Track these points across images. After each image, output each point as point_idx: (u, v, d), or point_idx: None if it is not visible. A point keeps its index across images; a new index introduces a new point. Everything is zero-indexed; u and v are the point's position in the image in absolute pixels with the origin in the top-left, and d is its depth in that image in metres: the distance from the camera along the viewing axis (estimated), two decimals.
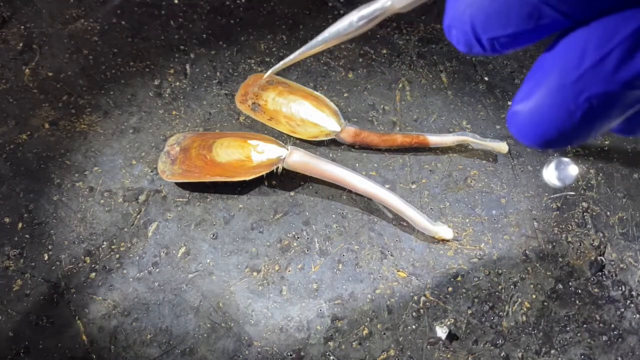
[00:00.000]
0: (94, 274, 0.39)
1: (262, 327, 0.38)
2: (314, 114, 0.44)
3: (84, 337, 0.37)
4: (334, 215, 0.42)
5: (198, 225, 0.41)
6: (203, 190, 0.43)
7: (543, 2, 0.13)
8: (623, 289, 0.40)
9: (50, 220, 0.41)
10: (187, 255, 0.40)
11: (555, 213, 0.42)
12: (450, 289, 0.39)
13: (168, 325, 0.38)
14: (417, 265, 0.40)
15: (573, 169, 0.44)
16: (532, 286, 0.40)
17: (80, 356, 0.37)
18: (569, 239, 0.41)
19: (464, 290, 0.39)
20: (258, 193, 0.43)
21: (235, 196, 0.42)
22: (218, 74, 0.49)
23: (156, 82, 0.48)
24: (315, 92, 0.46)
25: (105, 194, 0.42)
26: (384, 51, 0.50)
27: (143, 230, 0.41)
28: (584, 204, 0.43)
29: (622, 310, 0.39)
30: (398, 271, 0.40)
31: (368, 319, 0.38)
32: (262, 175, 0.41)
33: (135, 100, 0.47)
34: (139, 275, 0.39)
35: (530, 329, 0.38)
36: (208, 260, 0.40)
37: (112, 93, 0.47)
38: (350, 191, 0.42)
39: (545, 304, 0.39)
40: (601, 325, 0.39)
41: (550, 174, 0.44)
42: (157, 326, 0.38)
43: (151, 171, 0.43)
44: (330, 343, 0.37)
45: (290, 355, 0.37)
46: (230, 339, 0.37)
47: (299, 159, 0.41)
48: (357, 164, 0.44)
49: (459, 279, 0.40)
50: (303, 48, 0.24)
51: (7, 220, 0.41)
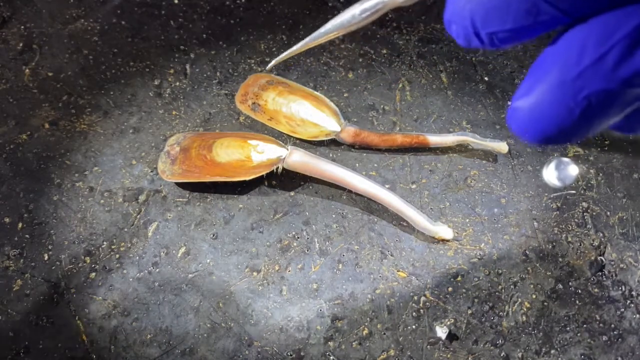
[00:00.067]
0: (94, 274, 0.39)
1: (262, 327, 0.38)
2: (314, 114, 0.44)
3: (84, 337, 0.37)
4: (334, 215, 0.42)
5: (198, 225, 0.41)
6: (203, 190, 0.43)
7: None
8: (623, 289, 0.40)
9: (50, 220, 0.41)
10: (187, 255, 0.40)
11: (555, 213, 0.42)
12: (450, 289, 0.39)
13: (168, 325, 0.38)
14: (417, 265, 0.40)
15: (573, 169, 0.44)
16: (532, 286, 0.40)
17: (80, 356, 0.37)
18: (569, 239, 0.41)
19: (464, 290, 0.39)
20: (258, 193, 0.43)
21: (235, 196, 0.42)
22: (218, 74, 0.49)
23: (156, 82, 0.48)
24: (315, 92, 0.46)
25: (105, 194, 0.42)
26: (384, 51, 0.50)
27: (143, 230, 0.41)
28: (584, 204, 0.43)
29: (622, 310, 0.39)
30: (398, 271, 0.40)
31: (368, 319, 0.38)
32: (262, 175, 0.41)
33: (135, 100, 0.47)
34: (139, 275, 0.39)
35: (530, 329, 0.38)
36: (208, 260, 0.40)
37: (112, 93, 0.47)
38: (350, 191, 0.42)
39: (545, 304, 0.39)
40: (601, 325, 0.39)
41: (550, 174, 0.44)
42: (157, 326, 0.38)
43: (151, 171, 0.43)
44: (330, 343, 0.37)
45: (290, 355, 0.37)
46: (230, 339, 0.37)
47: (299, 159, 0.41)
48: (357, 164, 0.44)
49: (459, 279, 0.40)
50: (306, 39, 0.25)
51: (7, 220, 0.41)
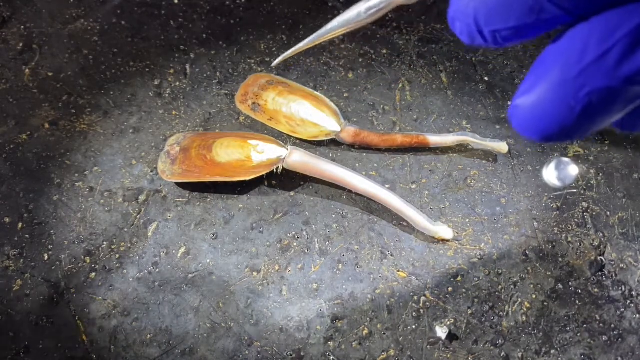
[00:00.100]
0: (94, 274, 0.39)
1: (262, 327, 0.38)
2: (314, 114, 0.44)
3: (84, 337, 0.37)
4: (334, 215, 0.42)
5: (198, 225, 0.41)
6: (203, 190, 0.43)
7: None
8: (623, 289, 0.40)
9: (50, 220, 0.41)
10: (187, 255, 0.40)
11: (555, 213, 0.42)
12: (450, 289, 0.39)
13: (168, 325, 0.38)
14: (417, 265, 0.40)
15: (573, 169, 0.44)
16: (532, 286, 0.40)
17: (80, 356, 0.37)
18: (569, 239, 0.41)
19: (464, 290, 0.39)
20: (258, 193, 0.43)
21: (235, 196, 0.42)
22: (218, 74, 0.49)
23: (156, 82, 0.48)
24: (315, 92, 0.46)
25: (105, 194, 0.42)
26: (384, 51, 0.50)
27: (143, 230, 0.41)
28: (584, 204, 0.43)
29: (622, 310, 0.39)
30: (398, 271, 0.40)
31: (368, 319, 0.38)
32: (262, 175, 0.41)
33: (135, 100, 0.47)
34: (139, 275, 0.39)
35: (530, 329, 0.38)
36: (208, 260, 0.40)
37: (112, 93, 0.47)
38: (350, 191, 0.42)
39: (545, 304, 0.39)
40: (601, 325, 0.39)
41: (550, 174, 0.44)
42: (157, 326, 0.38)
43: (151, 171, 0.43)
44: (330, 343, 0.37)
45: (290, 355, 0.37)
46: (230, 339, 0.37)
47: (299, 159, 0.41)
48: (357, 164, 0.44)
49: (459, 279, 0.40)
50: (313, 36, 0.25)
51: (7, 220, 0.41)
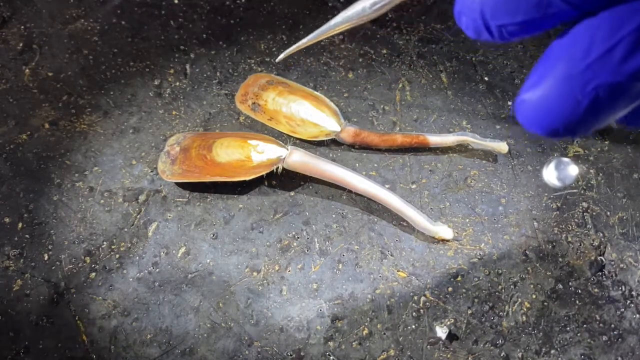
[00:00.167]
0: (94, 274, 0.39)
1: (262, 327, 0.38)
2: (314, 114, 0.44)
3: (84, 337, 0.37)
4: (334, 215, 0.42)
5: (198, 225, 0.41)
6: (203, 190, 0.43)
7: None
8: (623, 289, 0.40)
9: (50, 220, 0.41)
10: (187, 255, 0.40)
11: (555, 213, 0.42)
12: (450, 289, 0.39)
13: (168, 325, 0.38)
14: (417, 265, 0.40)
15: (573, 169, 0.44)
16: (532, 286, 0.40)
17: (80, 356, 0.37)
18: (569, 239, 0.41)
19: (464, 290, 0.39)
20: (258, 193, 0.43)
21: (235, 196, 0.42)
22: (218, 74, 0.49)
23: (156, 82, 0.48)
24: (315, 92, 0.46)
25: (105, 194, 0.42)
26: (384, 51, 0.50)
27: (143, 230, 0.41)
28: (584, 204, 0.43)
29: (622, 310, 0.39)
30: (398, 271, 0.40)
31: (368, 319, 0.38)
32: (262, 175, 0.41)
33: (135, 100, 0.47)
34: (139, 275, 0.39)
35: (530, 329, 0.38)
36: (208, 260, 0.40)
37: (112, 93, 0.47)
38: (350, 191, 0.42)
39: (545, 304, 0.39)
40: (601, 325, 0.39)
41: (550, 174, 0.44)
42: (157, 326, 0.38)
43: (151, 171, 0.43)
44: (330, 343, 0.37)
45: (290, 355, 0.37)
46: (230, 339, 0.37)
47: (299, 159, 0.41)
48: (357, 164, 0.44)
49: (459, 279, 0.40)
50: (317, 32, 0.25)
51: (7, 220, 0.41)
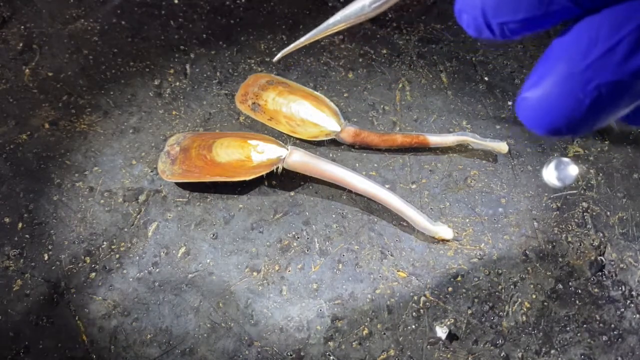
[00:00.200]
0: (94, 274, 0.39)
1: (262, 327, 0.38)
2: (314, 114, 0.44)
3: (84, 337, 0.37)
4: (334, 215, 0.42)
5: (198, 225, 0.41)
6: (203, 190, 0.43)
7: None
8: (623, 289, 0.40)
9: (50, 220, 0.41)
10: (187, 255, 0.40)
11: (555, 213, 0.42)
12: (450, 289, 0.39)
13: (168, 325, 0.38)
14: (417, 265, 0.40)
15: (573, 169, 0.44)
16: (532, 286, 0.40)
17: (80, 356, 0.37)
18: (569, 239, 0.41)
19: (464, 290, 0.39)
20: (258, 193, 0.43)
21: (235, 196, 0.42)
22: (218, 74, 0.49)
23: (156, 82, 0.48)
24: (315, 92, 0.46)
25: (105, 194, 0.42)
26: (384, 51, 0.50)
27: (143, 230, 0.41)
28: (584, 204, 0.43)
29: (622, 310, 0.39)
30: (398, 271, 0.40)
31: (368, 319, 0.38)
32: (262, 175, 0.41)
33: (135, 100, 0.47)
34: (139, 275, 0.39)
35: (530, 329, 0.38)
36: (208, 260, 0.40)
37: (112, 93, 0.47)
38: (350, 191, 0.42)
39: (545, 304, 0.39)
40: (601, 325, 0.39)
41: (550, 174, 0.44)
42: (157, 326, 0.38)
43: (151, 171, 0.43)
44: (330, 343, 0.37)
45: (290, 355, 0.37)
46: (230, 339, 0.37)
47: (299, 159, 0.41)
48: (357, 164, 0.44)
49: (459, 279, 0.40)
50: (315, 31, 0.24)
51: (7, 220, 0.41)
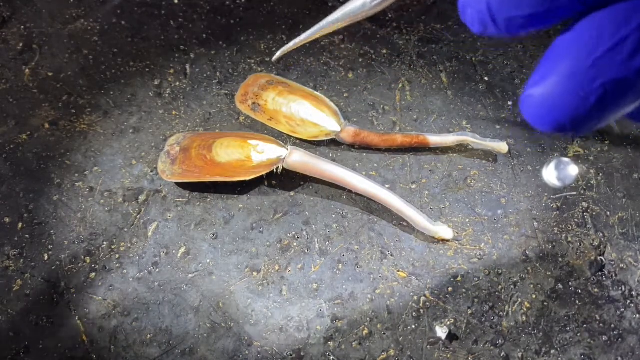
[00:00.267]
0: (94, 274, 0.39)
1: (262, 327, 0.38)
2: (314, 114, 0.44)
3: (84, 337, 0.37)
4: (334, 215, 0.42)
5: (198, 225, 0.41)
6: (203, 190, 0.43)
7: None
8: (623, 289, 0.40)
9: (50, 220, 0.41)
10: (187, 255, 0.40)
11: (555, 213, 0.42)
12: (450, 289, 0.39)
13: (168, 325, 0.38)
14: (417, 265, 0.40)
15: (573, 169, 0.44)
16: (532, 286, 0.40)
17: (80, 356, 0.37)
18: (569, 239, 0.41)
19: (464, 290, 0.39)
20: (258, 193, 0.43)
21: (235, 196, 0.42)
22: (218, 74, 0.49)
23: (156, 82, 0.48)
24: (315, 92, 0.46)
25: (105, 194, 0.42)
26: (384, 51, 0.50)
27: (143, 230, 0.41)
28: (584, 204, 0.43)
29: (622, 310, 0.39)
30: (398, 271, 0.40)
31: (368, 319, 0.38)
32: (262, 175, 0.41)
33: (135, 100, 0.47)
34: (139, 275, 0.39)
35: (530, 329, 0.38)
36: (208, 260, 0.40)
37: (112, 93, 0.47)
38: (350, 191, 0.42)
39: (545, 304, 0.39)
40: (601, 325, 0.39)
41: (550, 174, 0.44)
42: (157, 326, 0.38)
43: (151, 171, 0.43)
44: (330, 343, 0.37)
45: (290, 355, 0.37)
46: (230, 339, 0.37)
47: (299, 159, 0.41)
48: (357, 164, 0.44)
49: (459, 279, 0.40)
50: (314, 28, 0.24)
51: (7, 220, 0.41)
